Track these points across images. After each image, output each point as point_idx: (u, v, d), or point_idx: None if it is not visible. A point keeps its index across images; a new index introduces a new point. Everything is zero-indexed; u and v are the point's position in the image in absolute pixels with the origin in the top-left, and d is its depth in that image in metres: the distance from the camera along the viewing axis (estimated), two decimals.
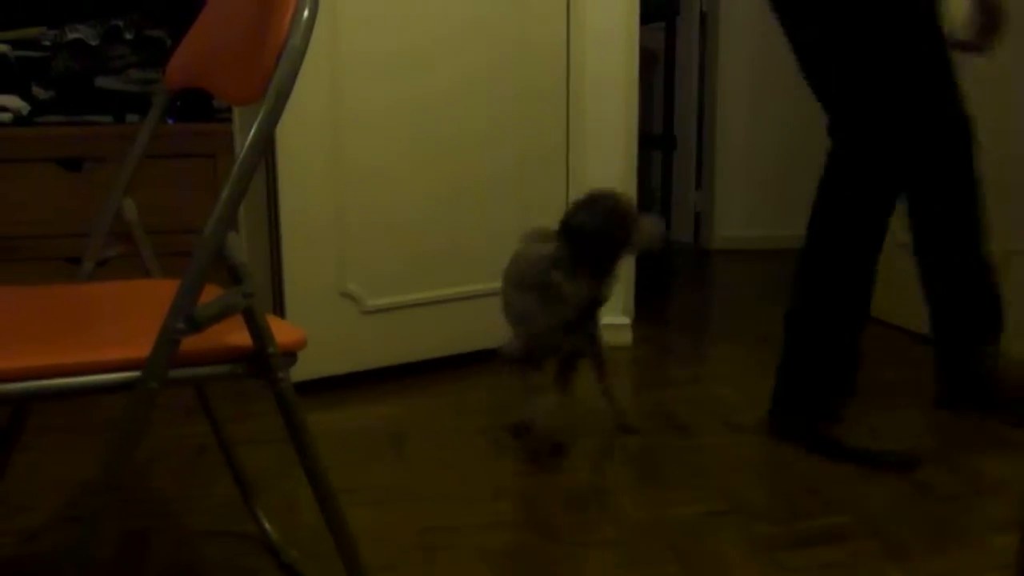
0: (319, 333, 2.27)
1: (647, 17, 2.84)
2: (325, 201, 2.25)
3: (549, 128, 2.58)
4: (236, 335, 1.00)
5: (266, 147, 0.97)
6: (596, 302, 1.86)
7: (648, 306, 3.20)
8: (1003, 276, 2.17)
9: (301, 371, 2.27)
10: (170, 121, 2.69)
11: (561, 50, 2.57)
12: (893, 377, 2.45)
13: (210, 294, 0.97)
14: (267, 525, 1.56)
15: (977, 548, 1.54)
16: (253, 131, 0.96)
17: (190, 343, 0.95)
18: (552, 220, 2.57)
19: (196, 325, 0.93)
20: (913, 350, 2.68)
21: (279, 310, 2.30)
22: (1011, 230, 2.44)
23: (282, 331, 1.03)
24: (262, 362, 1.00)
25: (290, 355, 1.05)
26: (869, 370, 2.48)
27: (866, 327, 1.97)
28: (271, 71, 0.98)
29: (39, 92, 2.72)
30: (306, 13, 0.99)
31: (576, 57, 2.59)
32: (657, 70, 4.16)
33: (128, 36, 2.73)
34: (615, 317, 2.73)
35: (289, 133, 2.17)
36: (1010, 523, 1.60)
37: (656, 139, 3.85)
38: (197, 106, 2.71)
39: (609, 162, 2.69)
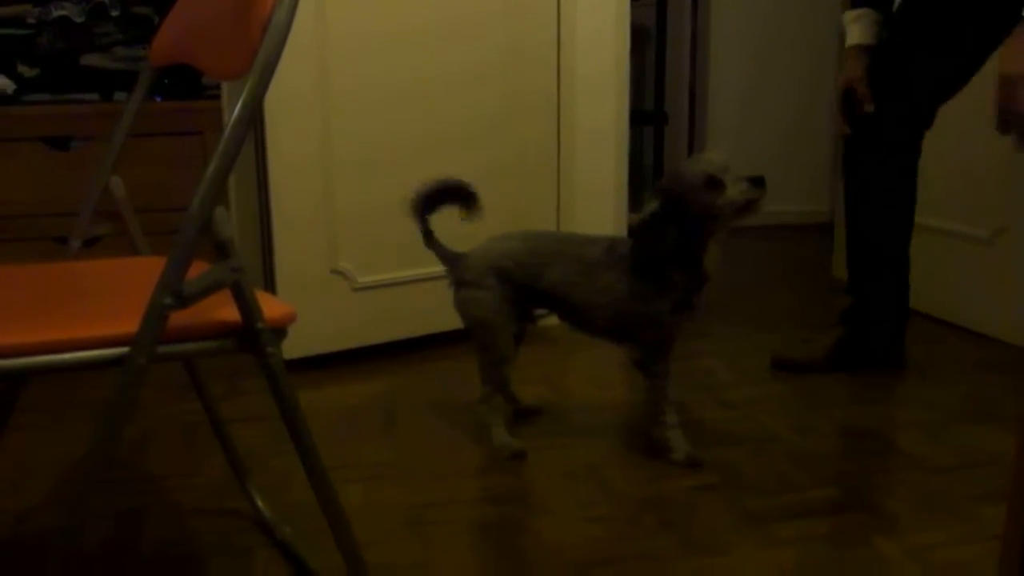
0: (310, 311, 2.26)
1: None
2: (315, 180, 2.24)
3: (540, 122, 2.58)
4: (225, 310, 1.00)
5: (252, 122, 0.97)
6: (701, 277, 1.72)
7: None
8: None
9: (292, 349, 2.27)
10: (158, 99, 2.67)
11: (552, 48, 2.56)
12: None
13: (199, 270, 0.97)
14: (260, 502, 1.57)
15: (966, 519, 1.55)
16: (239, 106, 0.95)
17: (179, 318, 0.95)
18: (543, 215, 2.59)
19: (184, 300, 0.93)
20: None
21: (270, 288, 2.29)
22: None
23: (271, 306, 1.03)
24: (251, 337, 1.00)
25: (279, 331, 1.04)
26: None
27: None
28: (256, 45, 0.97)
29: (24, 70, 2.69)
30: None
31: (567, 57, 2.58)
32: (649, 46, 4.14)
33: (114, 13, 2.71)
34: None
35: (278, 112, 2.16)
36: (999, 494, 1.61)
37: (648, 115, 3.84)
38: (186, 83, 2.68)
39: (600, 164, 2.69)
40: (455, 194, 1.77)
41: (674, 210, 1.64)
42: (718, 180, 1.62)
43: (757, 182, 1.63)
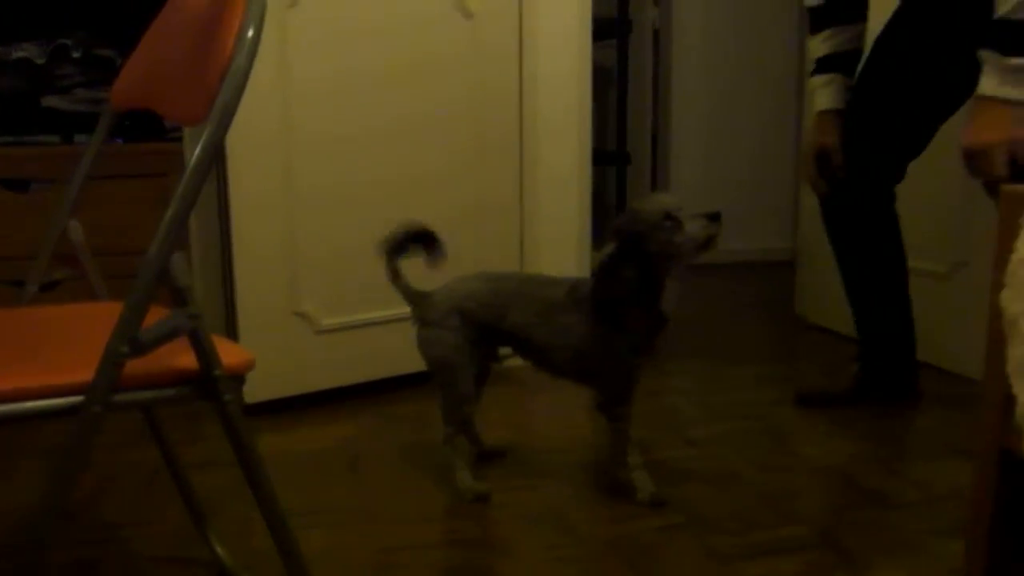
0: (273, 354, 2.24)
1: (599, 34, 2.86)
2: (277, 223, 2.23)
3: (503, 163, 2.60)
4: (182, 357, 0.99)
5: (210, 167, 0.96)
6: (660, 318, 1.72)
7: None
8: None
9: (255, 392, 2.24)
10: (120, 140, 2.65)
11: (514, 90, 2.58)
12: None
13: (158, 316, 0.96)
14: (220, 550, 1.54)
15: (929, 554, 1.56)
16: (197, 151, 0.95)
17: (135, 366, 0.94)
18: (506, 255, 2.59)
19: (140, 348, 0.92)
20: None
21: (232, 331, 2.27)
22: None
23: (229, 353, 1.02)
24: (209, 384, 0.99)
25: (238, 377, 1.03)
26: (818, 379, 2.51)
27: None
28: (215, 91, 0.97)
29: None
30: (251, 32, 0.99)
31: (529, 98, 2.61)
32: (611, 86, 4.20)
33: (76, 55, 2.70)
34: None
35: (241, 153, 2.15)
36: (959, 528, 1.62)
37: (610, 155, 3.87)
38: (148, 125, 2.68)
39: (563, 205, 2.71)
40: (424, 239, 1.77)
41: (632, 250, 1.66)
42: (675, 217, 1.64)
43: (713, 217, 1.65)
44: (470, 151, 2.51)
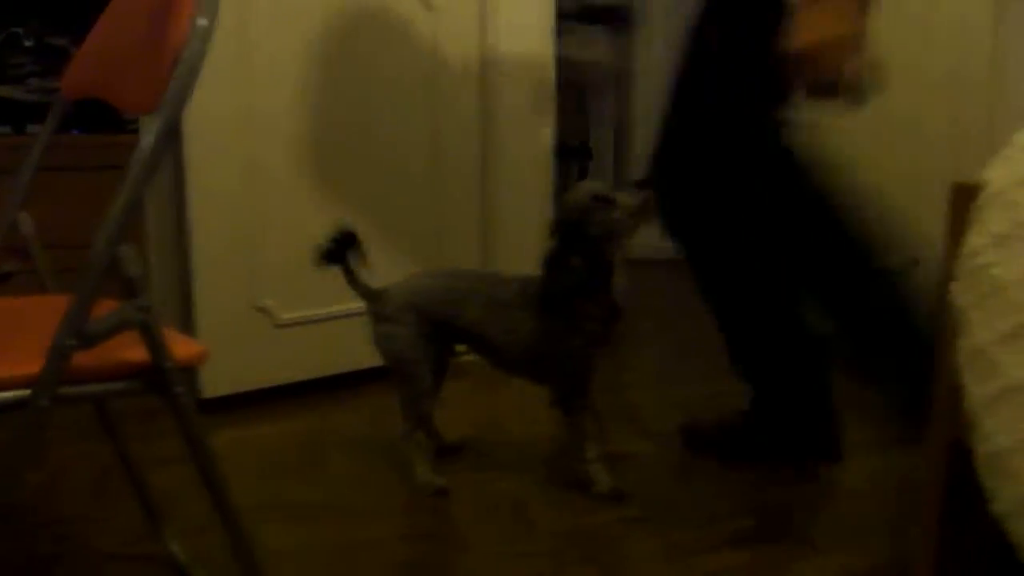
0: (232, 348, 2.22)
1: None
2: (236, 214, 2.20)
3: (464, 157, 2.58)
4: (132, 350, 0.97)
5: (160, 157, 0.95)
6: (613, 307, 1.73)
7: None
8: None
9: (215, 387, 2.22)
10: (77, 132, 2.61)
11: (475, 80, 2.57)
12: None
13: (109, 309, 0.94)
14: (176, 546, 1.52)
15: (883, 542, 1.58)
16: (147, 140, 0.93)
17: (84, 359, 0.92)
18: (466, 251, 2.58)
19: (88, 340, 0.90)
20: None
21: (189, 326, 2.25)
22: None
23: (180, 345, 1.01)
24: (159, 377, 0.97)
25: (189, 370, 1.02)
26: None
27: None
28: (167, 80, 0.96)
29: None
30: (204, 21, 0.97)
31: (491, 90, 2.59)
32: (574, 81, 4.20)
33: (28, 44, 2.65)
34: None
35: (199, 143, 2.12)
36: (911, 516, 1.64)
37: (572, 150, 3.87)
38: (107, 117, 2.63)
39: (524, 200, 2.69)
40: (348, 243, 1.78)
41: (573, 238, 1.67)
42: (606, 196, 1.66)
43: (641, 185, 1.67)
44: (429, 144, 2.50)
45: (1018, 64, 2.40)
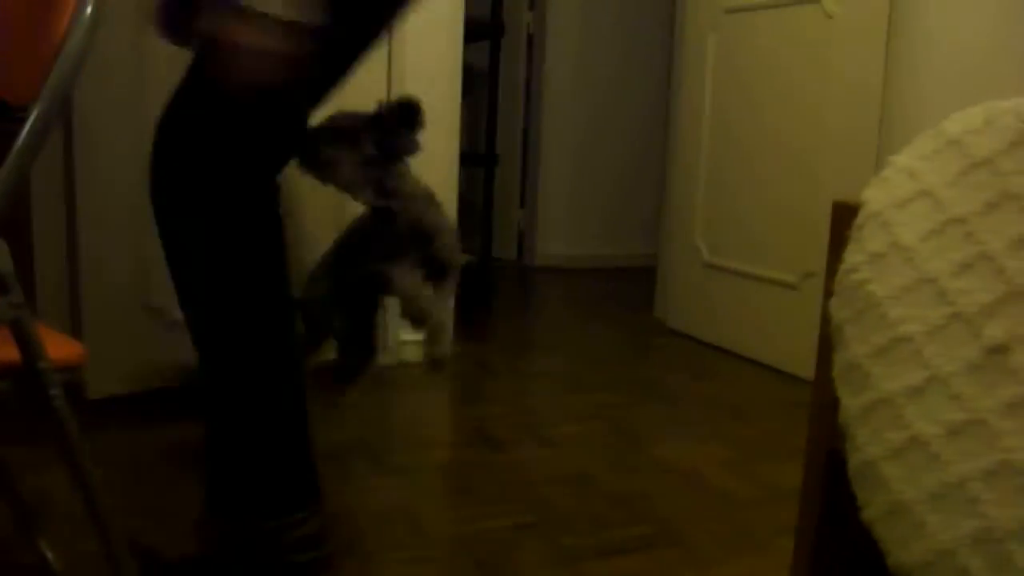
0: (120, 348, 2.15)
1: (472, 36, 2.86)
2: (127, 211, 2.14)
3: None
4: (4, 349, 0.93)
5: (39, 149, 0.92)
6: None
7: (469, 322, 3.22)
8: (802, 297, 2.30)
9: (101, 387, 2.15)
10: None
11: (382, 87, 2.55)
12: (712, 391, 2.56)
13: None
14: (49, 553, 1.46)
15: (771, 551, 1.62)
16: (24, 133, 0.90)
17: None
18: None
19: None
20: (718, 364, 2.81)
21: (77, 325, 2.17)
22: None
23: (57, 345, 0.97)
24: (32, 378, 0.94)
25: (72, 369, 0.98)
26: (678, 383, 2.58)
27: None
28: (48, 71, 0.92)
29: None
30: (89, 10, 0.94)
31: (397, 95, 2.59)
32: (482, 88, 4.21)
33: None
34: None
35: (89, 135, 2.06)
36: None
37: (479, 157, 3.88)
38: None
39: None
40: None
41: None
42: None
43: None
44: None
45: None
